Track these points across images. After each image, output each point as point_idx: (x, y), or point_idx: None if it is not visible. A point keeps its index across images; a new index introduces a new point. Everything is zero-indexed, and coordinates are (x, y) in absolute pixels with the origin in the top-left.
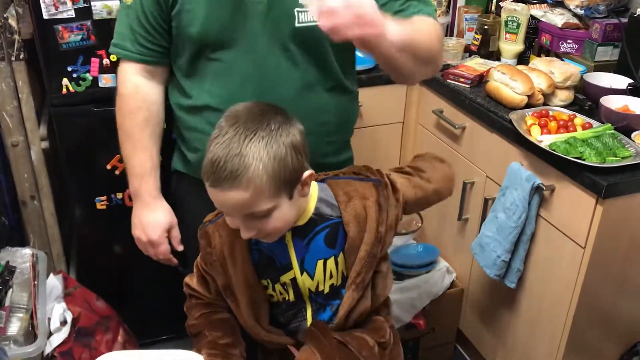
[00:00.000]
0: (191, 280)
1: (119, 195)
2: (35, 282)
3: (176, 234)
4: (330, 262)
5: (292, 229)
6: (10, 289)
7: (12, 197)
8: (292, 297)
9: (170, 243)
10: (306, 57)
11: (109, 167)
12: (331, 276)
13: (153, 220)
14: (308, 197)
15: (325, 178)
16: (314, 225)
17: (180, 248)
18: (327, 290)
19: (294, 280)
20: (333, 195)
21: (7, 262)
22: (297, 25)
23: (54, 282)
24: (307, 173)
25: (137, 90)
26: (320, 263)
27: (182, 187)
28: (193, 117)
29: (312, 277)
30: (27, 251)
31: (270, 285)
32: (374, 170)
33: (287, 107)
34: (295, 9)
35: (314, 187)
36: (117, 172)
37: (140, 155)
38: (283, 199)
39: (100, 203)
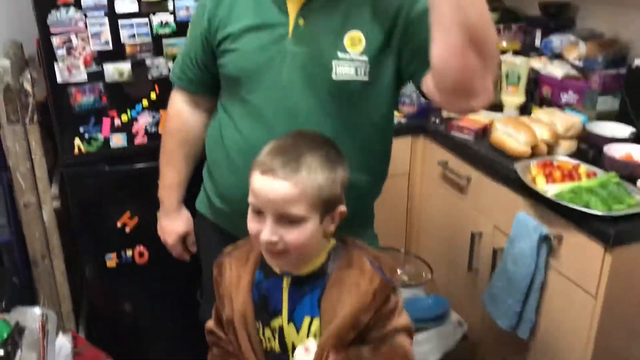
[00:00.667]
0: (210, 322)
1: (129, 253)
2: (45, 342)
3: (191, 239)
4: (316, 322)
5: (292, 277)
6: (19, 350)
7: (24, 257)
8: (277, 347)
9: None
10: (338, 110)
11: (119, 224)
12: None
13: (170, 228)
14: (323, 246)
15: (346, 238)
16: (314, 280)
17: (193, 249)
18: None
19: (281, 329)
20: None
21: (17, 322)
22: (334, 78)
23: (63, 342)
24: (342, 207)
25: (179, 114)
26: (307, 319)
27: (204, 230)
28: (219, 151)
29: (297, 331)
30: (37, 311)
31: (261, 329)
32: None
33: None
34: (333, 61)
35: (331, 243)
36: (127, 230)
37: (171, 170)
38: (315, 217)
39: (111, 261)
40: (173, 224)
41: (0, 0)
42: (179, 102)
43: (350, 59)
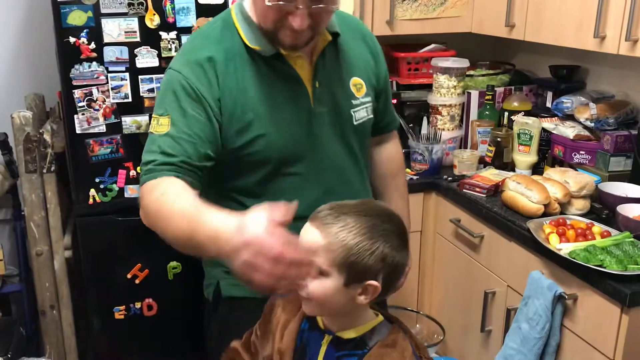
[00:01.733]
0: (236, 342)
1: (138, 305)
2: None
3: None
4: None
5: (334, 336)
6: None
7: (32, 307)
8: None
9: None
10: (360, 150)
11: (129, 276)
12: None
13: (245, 219)
14: (369, 317)
15: (393, 319)
16: (353, 347)
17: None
18: None
19: None
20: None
21: None
22: (355, 123)
23: None
24: (373, 282)
25: (164, 193)
26: None
27: (238, 314)
28: None
29: None
30: None
31: None
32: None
33: (359, 196)
34: (351, 110)
35: (378, 319)
36: (137, 281)
37: (185, 203)
38: (338, 277)
39: (119, 313)
40: (252, 214)
41: (26, 55)
42: (162, 187)
43: (361, 102)
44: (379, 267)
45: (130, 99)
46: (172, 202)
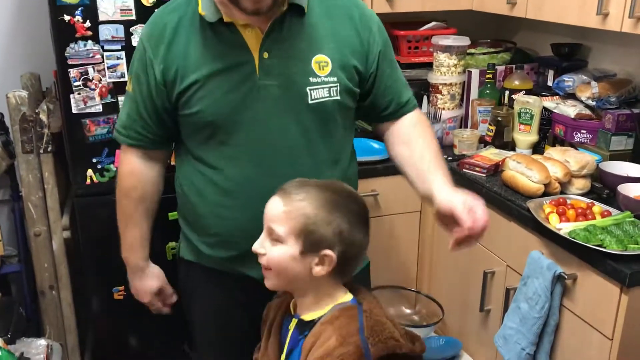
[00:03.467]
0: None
1: None
2: None
3: (168, 291)
4: None
5: (299, 319)
6: None
7: (31, 288)
8: None
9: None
10: (320, 132)
11: None
12: None
13: (143, 287)
14: (336, 292)
15: (362, 298)
16: (312, 325)
17: (173, 300)
18: None
19: None
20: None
21: (22, 353)
22: (310, 102)
23: None
24: (328, 252)
25: (133, 172)
26: None
27: (192, 277)
28: (208, 201)
29: None
30: (42, 342)
31: None
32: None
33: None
34: (307, 87)
35: (341, 300)
36: None
37: (132, 229)
38: (294, 245)
39: (118, 293)
40: (144, 283)
41: (20, 34)
42: (131, 160)
43: (322, 81)
44: (335, 240)
45: (126, 78)
46: (128, 208)
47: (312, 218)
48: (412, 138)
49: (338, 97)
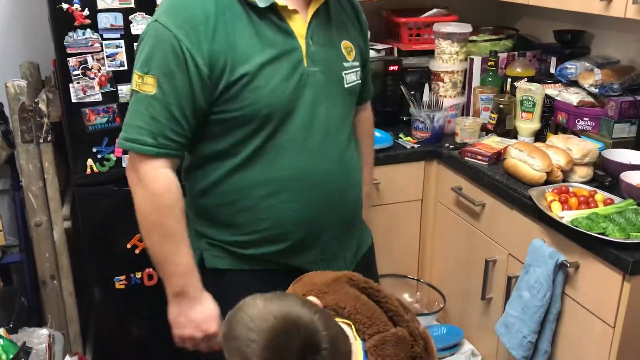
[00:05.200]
0: None
1: (138, 275)
2: None
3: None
4: None
5: None
6: None
7: (33, 278)
8: None
9: None
10: (349, 114)
11: (129, 246)
12: None
13: (207, 314)
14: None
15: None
16: None
17: None
18: None
19: None
20: None
21: (24, 342)
22: (346, 86)
23: None
24: None
25: (171, 186)
26: None
27: (232, 285)
28: (260, 198)
29: None
30: (44, 332)
31: None
32: None
33: (347, 163)
34: (343, 72)
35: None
36: (137, 251)
37: (184, 253)
38: None
39: (119, 282)
40: (208, 308)
41: (19, 23)
42: (164, 173)
43: (351, 66)
44: None
45: (125, 67)
46: (175, 228)
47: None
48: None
49: (360, 81)
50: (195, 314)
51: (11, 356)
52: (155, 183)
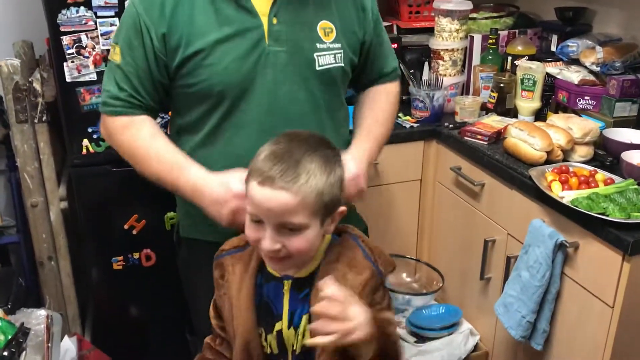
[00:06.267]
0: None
1: (136, 255)
2: (49, 345)
3: None
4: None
5: (293, 279)
6: (24, 352)
7: (30, 258)
8: (275, 349)
9: None
10: (325, 99)
11: (126, 226)
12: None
13: (224, 180)
14: (321, 244)
15: (341, 230)
16: (312, 280)
17: None
18: (298, 350)
19: (279, 332)
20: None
21: (22, 323)
22: (318, 68)
23: (68, 345)
24: (341, 208)
25: (132, 127)
26: (305, 318)
27: (196, 256)
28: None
29: (296, 332)
30: (42, 312)
31: (263, 335)
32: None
33: None
34: (315, 54)
35: (327, 240)
36: (134, 232)
37: (173, 153)
38: (316, 223)
39: (117, 263)
40: (221, 178)
41: (12, 0)
42: (122, 123)
43: (328, 47)
44: (340, 190)
45: None
46: (146, 146)
47: (323, 189)
48: (372, 106)
49: (342, 64)
50: (217, 188)
51: (9, 337)
52: (120, 136)
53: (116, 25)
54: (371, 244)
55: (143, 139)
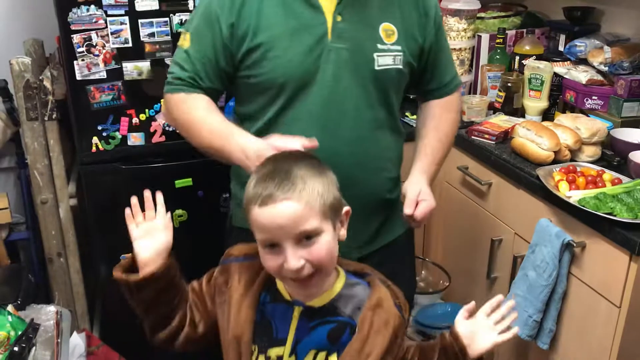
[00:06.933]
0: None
1: None
2: (59, 340)
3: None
4: (321, 356)
5: (305, 307)
6: (34, 347)
7: (40, 255)
8: None
9: None
10: (380, 98)
11: None
12: None
13: (271, 139)
14: (337, 281)
15: (365, 271)
16: (325, 314)
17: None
18: None
19: (280, 358)
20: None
21: (32, 319)
22: (376, 68)
23: (77, 341)
24: (346, 208)
25: (187, 101)
26: (312, 353)
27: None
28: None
29: None
30: (51, 308)
31: (255, 353)
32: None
33: (362, 145)
34: (375, 54)
35: (342, 277)
36: None
37: (225, 123)
38: (328, 226)
39: (126, 260)
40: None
41: None
42: (180, 97)
43: (388, 49)
44: (339, 191)
45: (130, 44)
46: (201, 117)
47: (322, 190)
48: (437, 125)
49: (401, 66)
50: (262, 145)
51: (20, 332)
52: (176, 110)
53: (126, 24)
54: (393, 287)
55: (197, 111)
